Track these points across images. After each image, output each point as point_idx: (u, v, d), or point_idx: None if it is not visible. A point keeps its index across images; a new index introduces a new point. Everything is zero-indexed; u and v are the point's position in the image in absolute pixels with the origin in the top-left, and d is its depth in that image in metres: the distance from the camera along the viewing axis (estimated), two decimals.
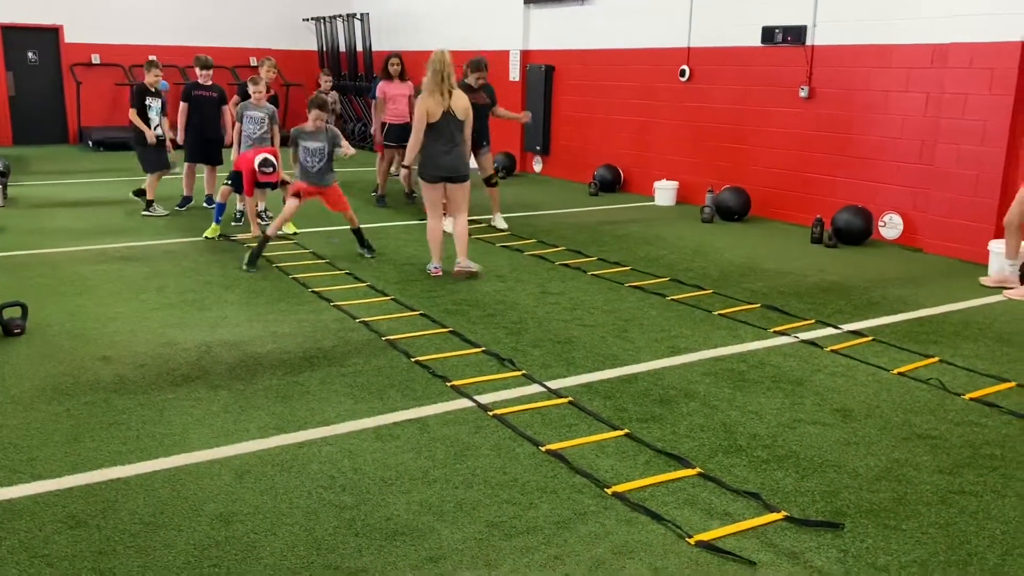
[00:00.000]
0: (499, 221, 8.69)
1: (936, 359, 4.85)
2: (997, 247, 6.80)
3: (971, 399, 4.27)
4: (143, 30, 15.87)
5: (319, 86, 11.45)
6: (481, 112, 8.12)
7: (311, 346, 4.92)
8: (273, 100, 9.62)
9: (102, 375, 4.41)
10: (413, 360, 4.66)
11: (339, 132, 7.00)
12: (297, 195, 6.85)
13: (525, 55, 12.81)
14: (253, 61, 16.37)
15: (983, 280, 6.63)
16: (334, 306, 5.70)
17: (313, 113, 6.72)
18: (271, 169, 7.25)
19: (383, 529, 2.99)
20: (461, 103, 6.38)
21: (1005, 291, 6.33)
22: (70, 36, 15.48)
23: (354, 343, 4.97)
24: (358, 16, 16.21)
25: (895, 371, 4.66)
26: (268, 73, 8.94)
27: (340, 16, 16.56)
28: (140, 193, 9.08)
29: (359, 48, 16.31)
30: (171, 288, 6.12)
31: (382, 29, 16.04)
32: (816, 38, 8.66)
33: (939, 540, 2.99)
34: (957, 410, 4.15)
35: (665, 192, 10.37)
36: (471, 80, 8.24)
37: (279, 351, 4.83)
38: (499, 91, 13.43)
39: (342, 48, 16.68)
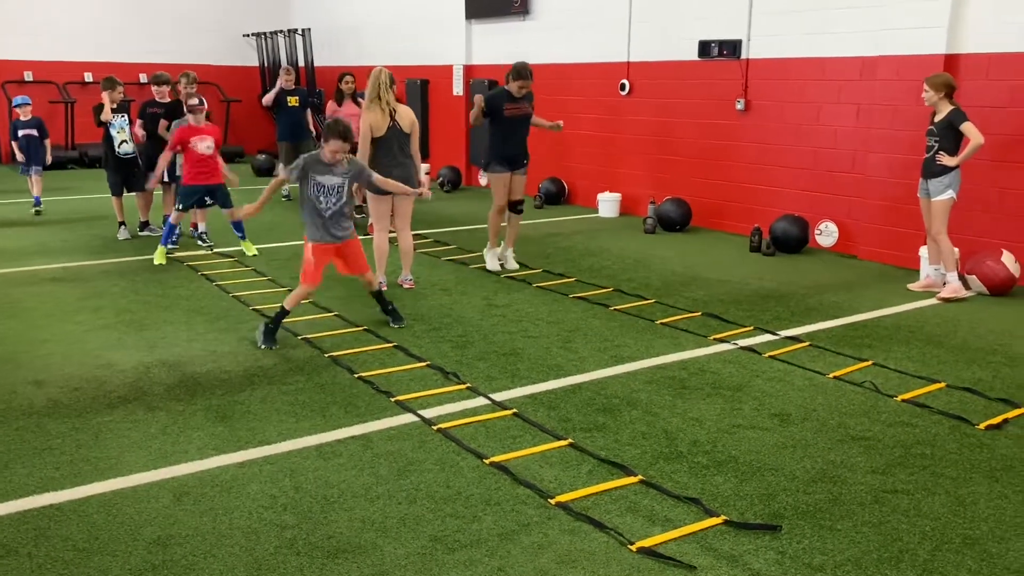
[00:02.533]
0: (511, 259, 7.44)
1: (870, 362, 4.99)
2: (927, 253, 7.03)
3: (903, 400, 4.40)
4: (79, 47, 15.55)
5: (279, 85, 11.18)
6: (525, 124, 7.27)
7: (252, 364, 4.85)
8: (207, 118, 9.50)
9: (34, 400, 4.30)
10: (356, 376, 4.63)
11: (366, 166, 5.54)
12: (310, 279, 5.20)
13: (468, 70, 12.87)
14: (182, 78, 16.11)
15: (910, 286, 6.83)
16: None
17: (332, 144, 5.01)
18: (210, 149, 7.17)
19: (325, 547, 2.96)
20: (408, 117, 6.45)
21: (937, 295, 6.54)
22: (1, 53, 15.09)
23: (296, 360, 4.92)
24: (300, 31, 16.11)
25: (831, 375, 4.77)
26: (188, 88, 8.80)
27: (281, 32, 16.44)
28: (144, 225, 8.89)
29: (301, 63, 16.20)
30: (108, 309, 5.98)
31: (325, 44, 15.96)
32: (751, 52, 8.87)
33: (872, 538, 3.07)
34: (890, 411, 4.27)
35: (608, 204, 10.48)
36: (513, 89, 7.06)
37: (219, 370, 4.75)
38: (443, 106, 13.59)
39: (284, 64, 16.55)
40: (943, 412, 4.23)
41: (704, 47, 9.26)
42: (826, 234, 8.37)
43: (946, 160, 6.37)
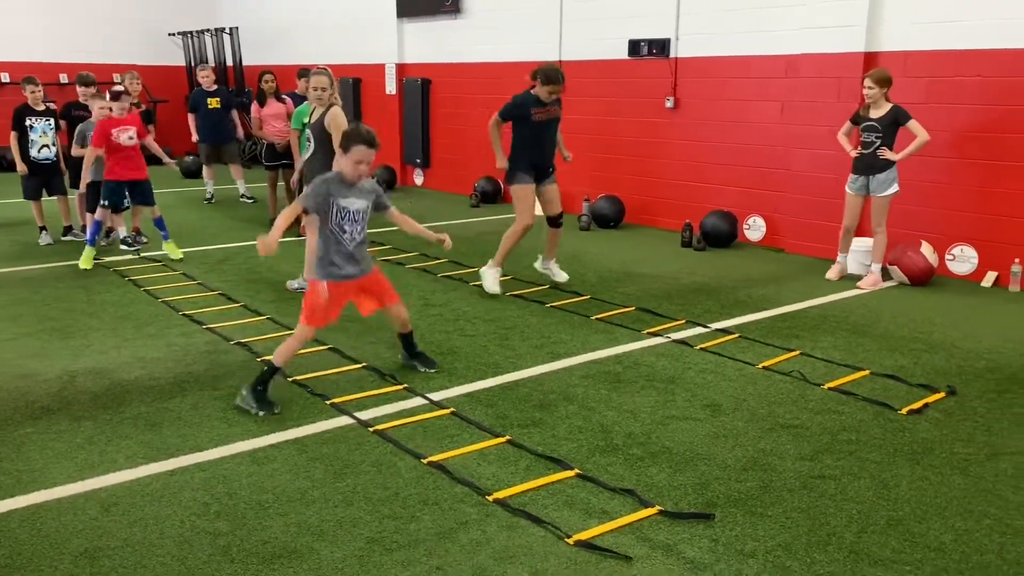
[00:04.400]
0: (557, 270, 6.82)
1: (797, 352, 5.13)
2: (853, 245, 7.25)
3: (829, 388, 4.53)
4: None
5: (199, 84, 10.91)
6: (553, 129, 6.52)
7: (182, 371, 4.75)
8: (146, 115, 9.27)
9: None
10: (290, 380, 4.57)
11: (379, 186, 4.46)
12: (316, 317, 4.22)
13: (401, 68, 12.80)
14: (116, 77, 15.66)
15: (828, 275, 7.05)
16: (206, 328, 5.52)
17: (357, 152, 4.03)
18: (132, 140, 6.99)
19: (260, 553, 2.92)
20: (335, 120, 6.32)
21: (858, 284, 6.75)
22: None
23: (228, 365, 4.83)
24: (227, 30, 15.79)
25: (760, 365, 4.89)
26: (133, 86, 8.58)
27: (208, 31, 16.08)
28: (67, 230, 8.54)
29: (230, 63, 15.89)
30: (29, 317, 5.78)
31: (254, 43, 15.67)
32: (679, 51, 9.02)
33: (801, 523, 3.16)
34: (817, 399, 4.40)
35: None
36: (541, 94, 6.31)
37: (147, 377, 4.64)
38: (376, 105, 13.48)
39: (211, 63, 16.19)
40: (867, 399, 4.38)
41: (634, 46, 9.38)
42: (754, 228, 8.57)
43: (889, 155, 6.52)
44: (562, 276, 6.77)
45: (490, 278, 6.53)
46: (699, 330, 5.60)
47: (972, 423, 4.09)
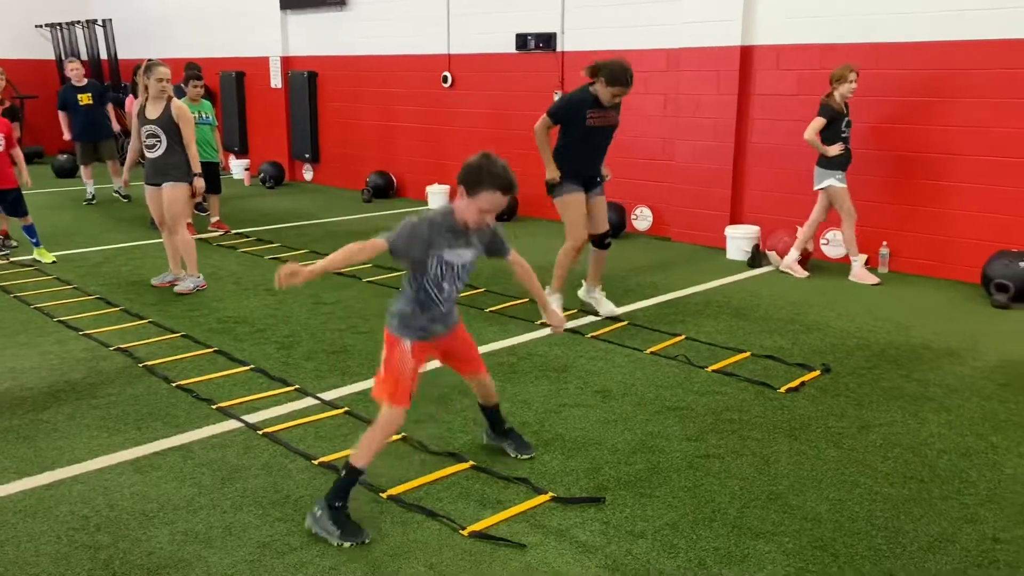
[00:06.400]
0: (603, 300, 5.83)
1: (683, 337, 5.30)
2: (733, 232, 7.54)
3: (713, 371, 4.70)
4: None
5: (68, 79, 10.33)
6: (608, 137, 5.58)
7: (57, 380, 4.52)
8: (11, 112, 8.75)
9: None
10: (174, 385, 4.42)
11: (503, 238, 3.37)
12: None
13: (286, 61, 12.50)
14: None
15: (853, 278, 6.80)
16: (84, 335, 5.28)
17: (488, 198, 3.01)
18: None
19: (144, 565, 2.82)
20: (183, 112, 6.18)
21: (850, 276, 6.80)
22: None
23: (107, 372, 4.63)
24: (99, 22, 15.05)
25: (648, 351, 5.03)
26: None
27: (79, 22, 15.29)
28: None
29: (104, 56, 15.16)
30: None
31: (130, 36, 14.99)
32: (566, 45, 9.15)
33: (687, 502, 3.28)
34: (701, 382, 4.56)
35: (438, 197, 10.51)
36: (604, 95, 5.30)
37: (19, 388, 4.40)
38: (261, 99, 13.13)
39: (84, 57, 15.42)
40: (748, 379, 4.57)
41: (521, 40, 9.46)
42: (641, 218, 8.79)
43: (836, 149, 6.58)
44: (611, 308, 5.75)
45: (602, 299, 5.82)
46: (590, 319, 5.71)
47: (845, 398, 4.32)
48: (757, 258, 7.30)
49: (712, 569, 2.82)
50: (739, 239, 7.52)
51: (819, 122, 6.56)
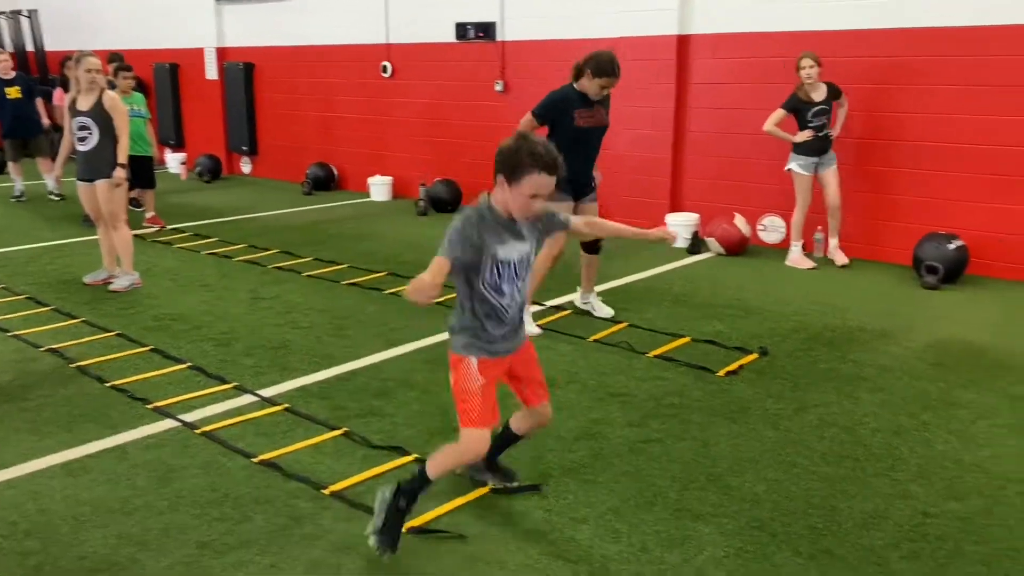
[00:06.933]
0: (599, 304, 5.62)
1: (625, 324, 5.34)
2: (673, 220, 7.63)
3: (654, 356, 4.75)
4: None
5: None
6: (599, 138, 5.31)
7: None
8: None
9: None
10: (108, 385, 4.30)
11: (556, 212, 2.99)
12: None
13: (222, 52, 12.24)
14: None
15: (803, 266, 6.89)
16: (12, 336, 5.10)
17: (532, 181, 2.69)
18: None
19: (75, 570, 2.74)
20: (116, 104, 6.01)
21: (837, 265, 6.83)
22: None
23: (37, 374, 4.49)
24: (24, 13, 14.54)
25: (591, 339, 5.06)
26: None
27: (3, 13, 14.75)
28: None
29: (30, 48, 14.65)
30: None
31: (57, 28, 14.50)
32: (506, 34, 9.13)
33: (629, 486, 3.31)
34: (643, 367, 4.60)
35: (380, 188, 10.42)
36: (591, 89, 5.05)
37: None
38: (196, 91, 12.84)
39: (8, 48, 14.87)
40: (688, 364, 4.63)
41: (461, 29, 9.41)
42: None
43: (802, 136, 6.63)
44: (606, 311, 5.56)
45: (597, 303, 5.63)
46: (535, 308, 5.71)
47: (782, 381, 4.41)
48: (697, 245, 7.40)
49: (653, 552, 2.86)
50: (679, 227, 7.61)
51: (777, 113, 6.70)
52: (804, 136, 6.64)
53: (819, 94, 6.61)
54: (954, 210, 6.61)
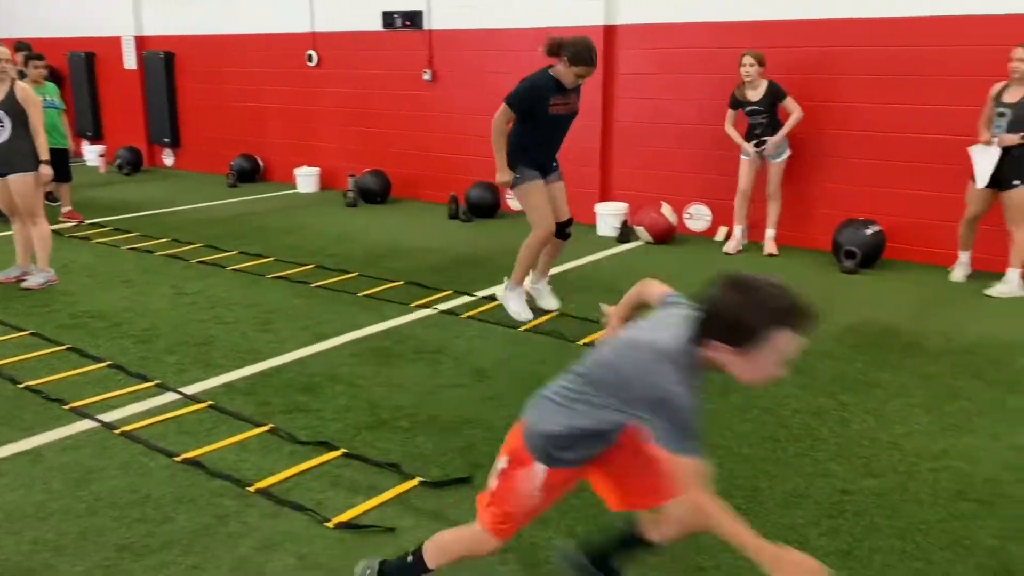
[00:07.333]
0: (547, 295, 5.47)
1: (556, 312, 5.37)
2: (602, 209, 7.69)
3: (584, 344, 4.80)
4: None
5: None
6: (568, 125, 5.21)
7: None
8: None
9: None
10: (21, 386, 4.14)
11: None
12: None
13: (140, 41, 11.85)
14: None
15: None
16: None
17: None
18: None
19: None
20: (29, 95, 5.77)
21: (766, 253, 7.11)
22: None
23: None
24: None
25: (523, 328, 5.07)
26: None
27: None
28: None
29: None
30: None
31: None
32: (433, 23, 9.06)
33: None
34: (574, 355, 4.49)
35: (307, 179, 10.25)
36: (566, 77, 4.90)
37: None
38: (114, 81, 12.41)
39: None
40: None
41: (388, 18, 9.30)
42: (515, 198, 8.83)
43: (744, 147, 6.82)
44: (553, 303, 5.39)
45: (513, 302, 5.25)
46: (466, 299, 5.71)
47: None
48: (626, 234, 7.49)
49: (581, 538, 2.88)
50: (608, 216, 7.69)
51: (728, 114, 6.87)
52: (746, 148, 6.84)
53: (756, 93, 6.73)
54: (873, 196, 6.83)
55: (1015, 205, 5.73)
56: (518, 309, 5.20)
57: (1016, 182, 5.68)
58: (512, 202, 8.84)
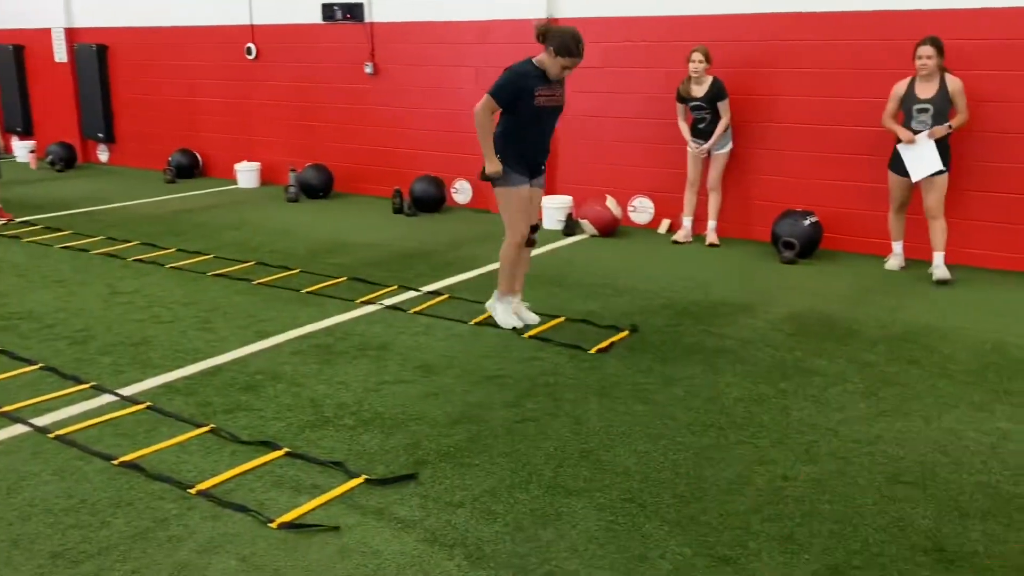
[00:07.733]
0: (524, 311, 5.16)
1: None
2: (550, 203, 7.69)
3: (530, 337, 4.81)
4: None
5: None
6: (555, 118, 4.92)
7: None
8: None
9: None
10: None
11: None
12: None
13: (71, 33, 11.49)
14: None
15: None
16: None
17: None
18: None
19: None
20: None
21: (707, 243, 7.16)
22: None
23: None
24: None
25: (471, 323, 5.06)
26: None
27: None
28: None
29: None
30: None
31: None
32: (374, 16, 8.96)
33: (506, 467, 3.33)
34: (520, 349, 4.64)
35: (247, 174, 10.06)
36: (552, 68, 4.66)
37: None
38: (45, 74, 12.02)
39: None
40: (563, 343, 4.70)
41: (328, 10, 9.16)
42: (461, 192, 8.82)
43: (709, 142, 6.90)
44: (533, 317, 5.12)
45: (501, 312, 5.07)
46: (411, 294, 5.67)
47: (651, 355, 4.54)
48: (571, 227, 7.52)
49: (529, 531, 2.89)
50: (554, 209, 7.70)
51: (678, 108, 7.01)
52: (691, 143, 7.02)
53: (700, 89, 6.82)
54: (810, 188, 6.97)
55: (938, 189, 5.95)
56: (505, 318, 5.07)
57: (943, 168, 5.90)
58: (458, 196, 8.82)
